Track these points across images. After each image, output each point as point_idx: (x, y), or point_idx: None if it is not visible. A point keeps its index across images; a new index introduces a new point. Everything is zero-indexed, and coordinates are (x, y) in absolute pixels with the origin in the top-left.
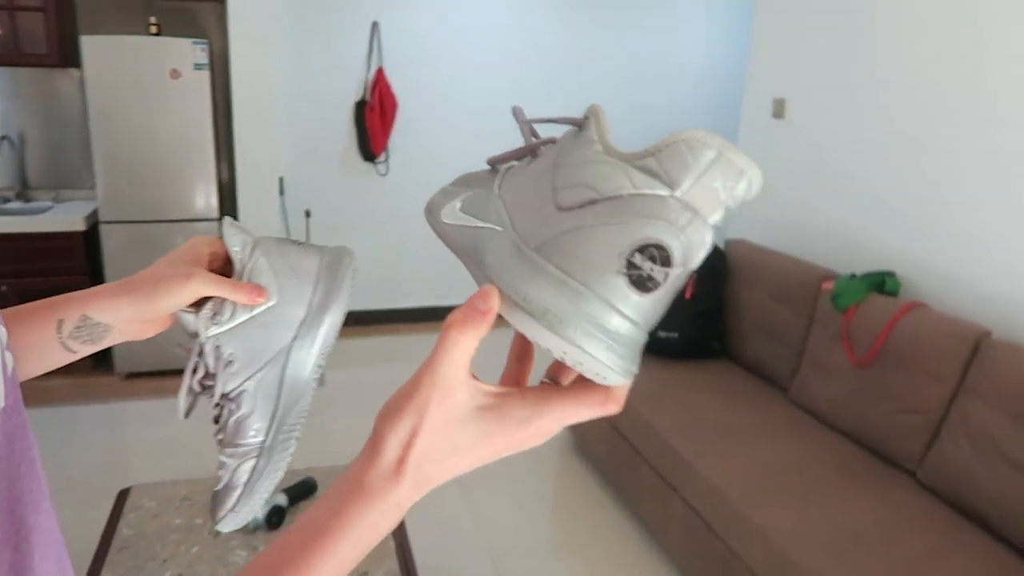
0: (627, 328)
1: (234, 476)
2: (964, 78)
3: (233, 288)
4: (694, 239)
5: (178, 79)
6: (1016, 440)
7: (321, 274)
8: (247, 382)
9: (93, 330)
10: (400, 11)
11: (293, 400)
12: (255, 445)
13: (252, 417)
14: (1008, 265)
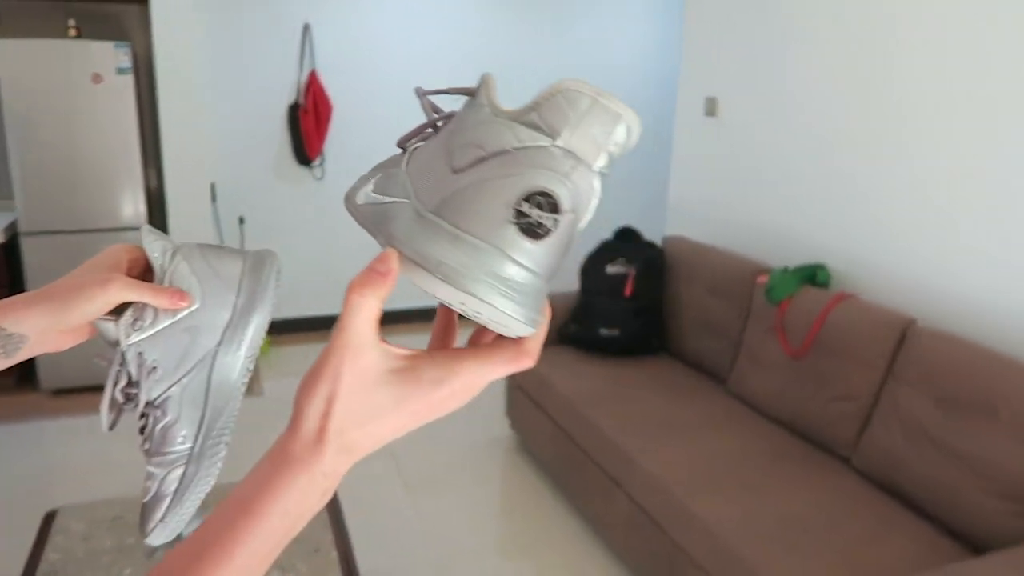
0: (524, 276)
1: (162, 485)
2: (883, 77)
3: (154, 292)
4: (580, 185)
5: (100, 84)
6: (943, 424)
7: (245, 277)
8: (172, 388)
9: (7, 342)
10: (332, 13)
11: (221, 405)
12: (183, 452)
13: (179, 424)
14: (929, 254)
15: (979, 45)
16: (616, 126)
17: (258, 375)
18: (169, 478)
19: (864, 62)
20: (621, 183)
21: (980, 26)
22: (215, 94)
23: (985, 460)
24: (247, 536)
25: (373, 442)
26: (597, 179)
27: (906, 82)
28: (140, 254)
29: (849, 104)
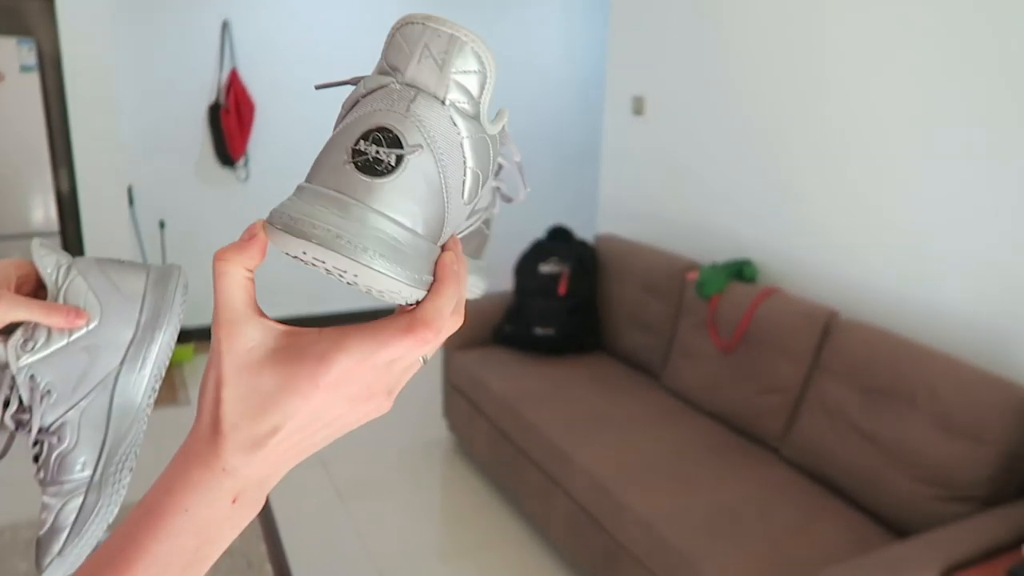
0: (395, 230)
1: (59, 517)
2: (805, 75)
3: (46, 310)
4: (427, 117)
5: (2, 82)
6: (866, 413)
7: (148, 291)
8: (69, 412)
9: None
10: (251, 9)
11: (124, 428)
12: (82, 481)
13: (77, 450)
14: (850, 248)
15: (903, 37)
16: (454, 50)
17: (183, 383)
18: (67, 509)
19: (788, 60)
20: (552, 182)
21: (905, 16)
22: (130, 93)
23: (906, 447)
24: (149, 541)
25: (279, 441)
26: (442, 108)
27: (829, 80)
28: (31, 269)
29: (775, 102)
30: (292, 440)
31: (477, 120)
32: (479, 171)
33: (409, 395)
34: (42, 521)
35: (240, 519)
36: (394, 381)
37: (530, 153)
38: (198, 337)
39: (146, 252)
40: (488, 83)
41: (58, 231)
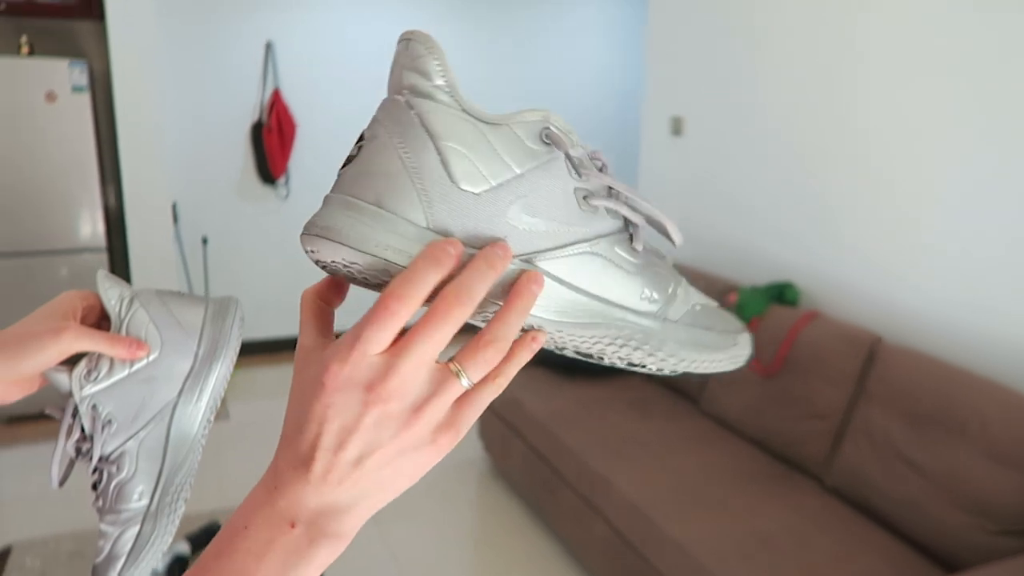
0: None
1: (116, 545)
2: (844, 94)
3: (110, 342)
4: (384, 107)
5: (54, 102)
6: (912, 441)
7: (206, 325)
8: (128, 442)
9: None
10: (294, 31)
11: (180, 459)
12: (139, 510)
13: (135, 480)
14: (894, 272)
15: (946, 64)
16: (402, 49)
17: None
18: (124, 537)
19: (831, 79)
20: None
21: (947, 44)
22: (176, 112)
23: (954, 476)
24: (210, 559)
25: (330, 464)
26: (411, 96)
27: (873, 100)
28: (95, 301)
29: (815, 122)
30: (338, 460)
31: (441, 98)
32: (461, 148)
33: None
34: (99, 548)
35: (309, 553)
36: (415, 389)
37: None
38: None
39: (189, 267)
40: (426, 55)
41: (105, 246)
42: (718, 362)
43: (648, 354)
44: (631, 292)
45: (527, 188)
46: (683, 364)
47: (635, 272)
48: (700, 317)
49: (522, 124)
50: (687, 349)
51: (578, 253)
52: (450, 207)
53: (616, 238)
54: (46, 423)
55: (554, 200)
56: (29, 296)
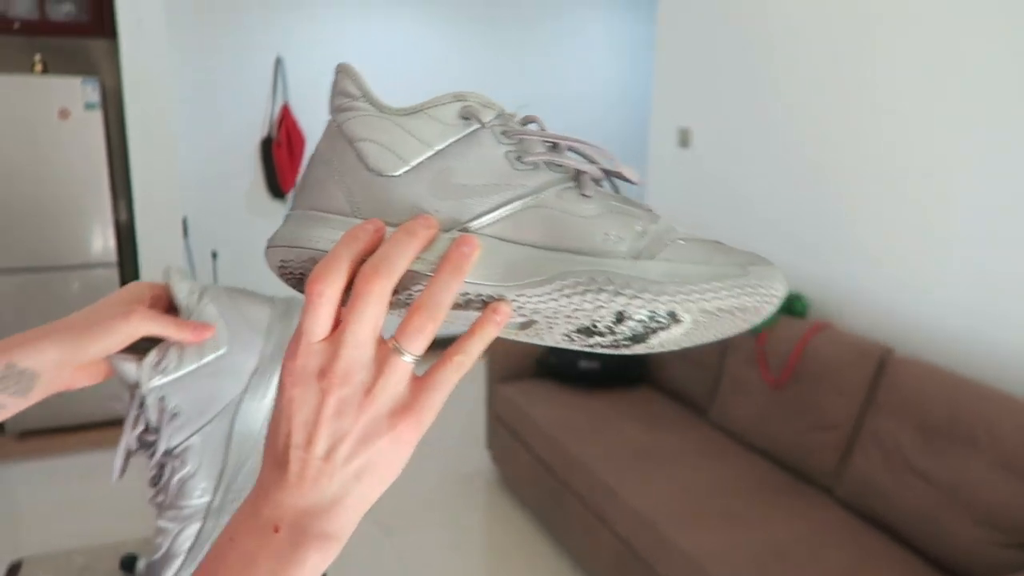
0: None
1: (175, 543)
2: (854, 103)
3: (178, 326)
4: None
5: (67, 119)
6: (923, 454)
7: (274, 324)
8: (193, 437)
9: (20, 378)
10: (303, 46)
11: (243, 456)
12: (200, 507)
13: (198, 475)
14: (904, 282)
15: (960, 74)
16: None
17: None
18: (184, 535)
19: (839, 91)
20: None
21: (962, 53)
22: (186, 127)
23: (966, 489)
24: (201, 572)
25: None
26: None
27: (883, 110)
28: (163, 292)
29: (823, 133)
30: (309, 456)
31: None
32: (376, 140)
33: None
34: (156, 546)
35: (297, 557)
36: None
37: None
38: None
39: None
40: (344, 79)
41: (116, 261)
42: (725, 296)
43: (626, 298)
44: (587, 235)
45: (449, 160)
46: (675, 302)
47: (590, 215)
48: (686, 251)
49: (437, 107)
50: (672, 284)
51: (519, 209)
52: (372, 194)
53: (561, 188)
54: (57, 438)
55: (483, 167)
56: (41, 311)
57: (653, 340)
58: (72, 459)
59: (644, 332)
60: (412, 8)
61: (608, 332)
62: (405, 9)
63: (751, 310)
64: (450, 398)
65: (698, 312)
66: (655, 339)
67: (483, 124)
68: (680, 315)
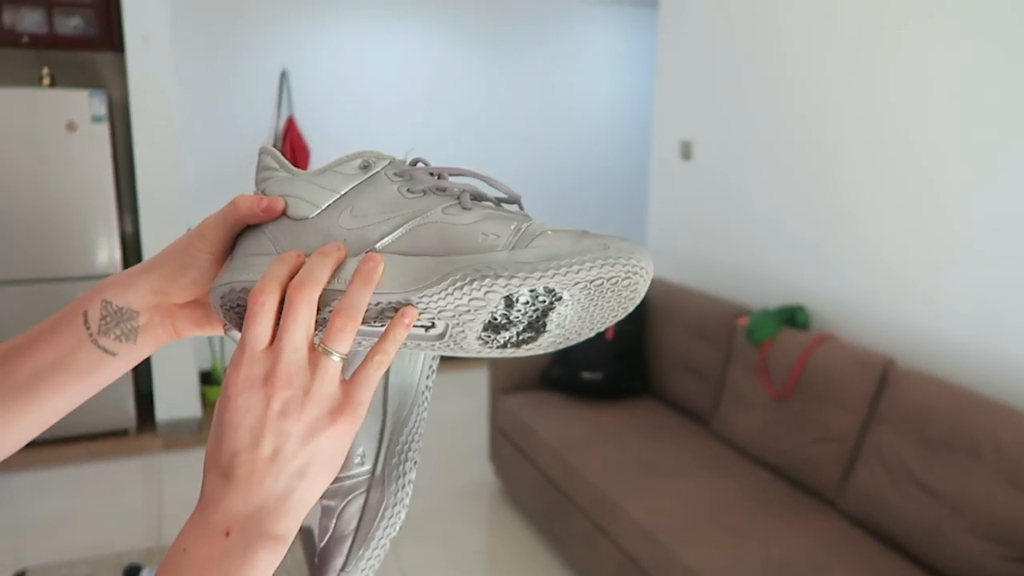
0: None
1: (340, 522)
2: (856, 116)
3: (255, 202)
4: None
5: (75, 132)
6: (927, 466)
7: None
8: None
9: (119, 317)
10: (308, 60)
11: (404, 414)
12: (362, 476)
13: (354, 439)
14: (906, 294)
15: (961, 85)
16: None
17: None
18: (348, 511)
19: (839, 104)
20: (599, 222)
21: (963, 66)
22: (192, 140)
23: (969, 502)
24: None
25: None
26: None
27: (881, 124)
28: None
29: (824, 146)
30: (255, 458)
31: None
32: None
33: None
34: (322, 529)
35: (248, 557)
36: (300, 372)
37: (578, 193)
38: None
39: None
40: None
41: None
42: (589, 267)
43: (505, 279)
44: (469, 238)
45: (353, 200)
46: (547, 277)
47: (471, 222)
48: (554, 239)
49: (341, 164)
50: (542, 262)
51: (412, 227)
52: (292, 234)
53: (446, 205)
54: (60, 447)
55: (380, 201)
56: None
57: (551, 324)
58: (75, 470)
59: (536, 315)
60: (416, 24)
61: (507, 323)
62: (409, 25)
63: (621, 280)
64: (453, 410)
65: (571, 285)
66: (551, 323)
67: (377, 169)
68: (557, 291)
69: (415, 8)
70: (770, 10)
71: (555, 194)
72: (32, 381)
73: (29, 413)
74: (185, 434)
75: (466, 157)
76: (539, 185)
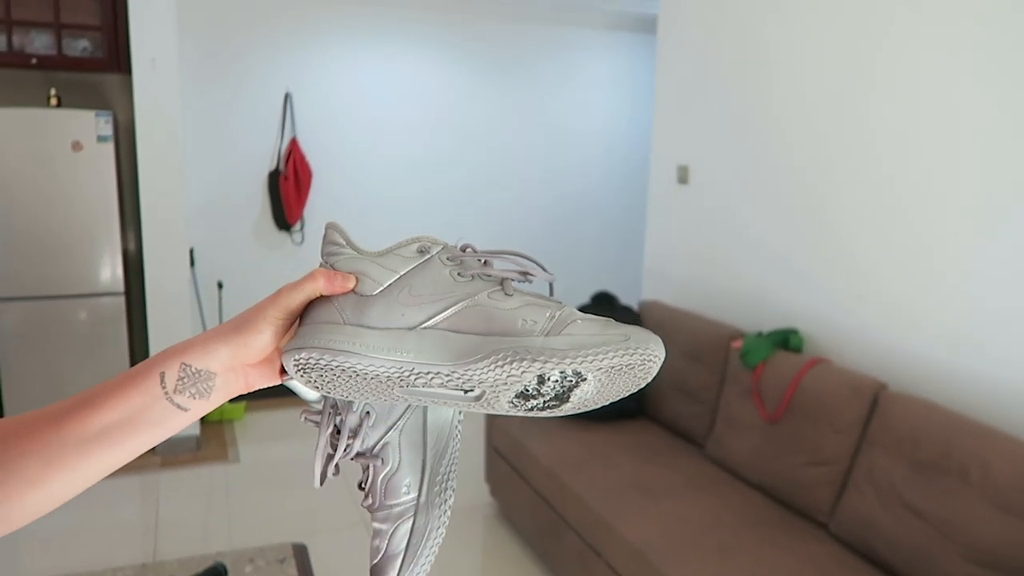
0: None
1: (392, 543)
2: (850, 142)
3: (325, 279)
4: None
5: (80, 151)
6: (916, 489)
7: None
8: (389, 433)
9: (196, 378)
10: (311, 83)
11: (441, 446)
12: (409, 503)
13: (400, 472)
14: (899, 319)
15: (953, 111)
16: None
17: (233, 441)
18: (399, 533)
19: (834, 129)
20: (596, 247)
21: (955, 92)
22: (196, 160)
23: (958, 525)
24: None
25: None
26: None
27: (875, 149)
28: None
29: (819, 171)
30: None
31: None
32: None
33: None
34: (375, 549)
35: None
36: None
37: (577, 216)
38: (248, 396)
39: (204, 311)
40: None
41: (123, 290)
42: (612, 356)
43: (540, 363)
44: (510, 322)
45: (410, 280)
46: (576, 363)
47: (512, 308)
48: (581, 327)
49: (401, 248)
50: (573, 350)
51: (461, 308)
52: (357, 307)
53: (491, 290)
54: None
55: (434, 282)
56: (49, 339)
57: (573, 398)
58: None
59: (563, 391)
60: (417, 50)
61: (537, 394)
62: (410, 50)
63: (637, 367)
64: None
65: (595, 370)
66: (574, 396)
67: (432, 254)
68: (583, 373)
69: (417, 34)
70: (765, 38)
71: (555, 217)
72: (102, 434)
73: (93, 465)
74: (183, 452)
75: (467, 181)
76: (540, 208)
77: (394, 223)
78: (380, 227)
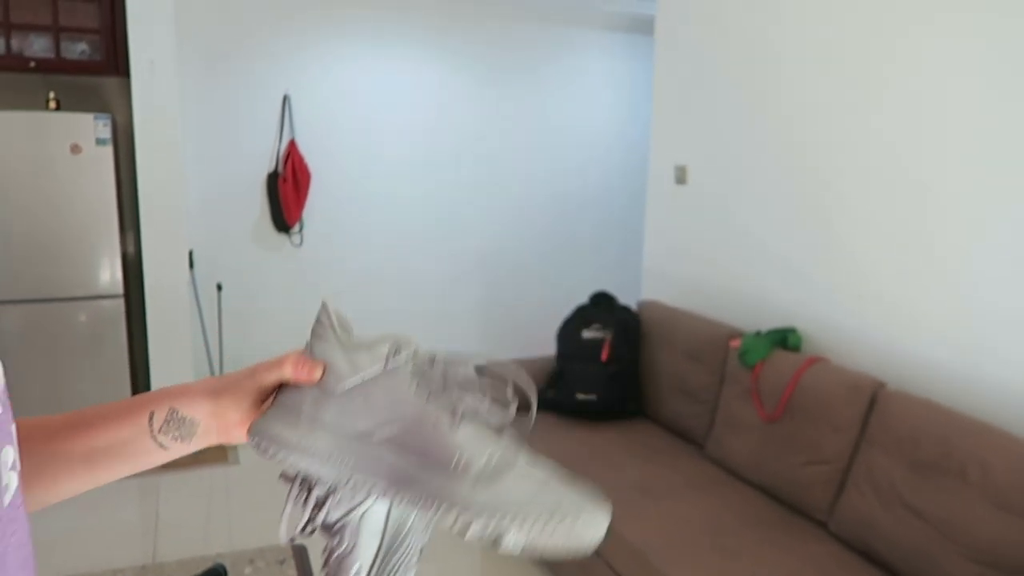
0: None
1: None
2: (853, 141)
3: (293, 366)
4: None
5: (79, 154)
6: (916, 488)
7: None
8: (351, 514)
9: (181, 424)
10: (310, 85)
11: (399, 539)
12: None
13: (353, 554)
14: (898, 318)
15: (954, 110)
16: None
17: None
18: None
19: (833, 129)
20: (595, 248)
21: (957, 92)
22: (195, 162)
23: (957, 524)
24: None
25: None
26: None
27: (874, 148)
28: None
29: (818, 171)
30: None
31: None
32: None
33: None
34: None
35: None
36: None
37: (576, 216)
38: None
39: (203, 313)
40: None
41: (123, 293)
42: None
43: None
44: (447, 458)
45: (371, 388)
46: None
47: (455, 442)
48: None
49: (375, 346)
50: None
51: (409, 428)
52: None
53: (441, 419)
54: None
55: (392, 397)
56: (50, 341)
57: (504, 544)
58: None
59: (489, 538)
60: (416, 51)
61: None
62: (409, 51)
63: (561, 541)
64: None
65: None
66: (504, 544)
67: (399, 364)
68: (502, 533)
69: (415, 35)
70: (764, 37)
71: (554, 217)
72: (88, 456)
73: (75, 481)
74: None
75: (466, 182)
76: (539, 208)
77: (393, 224)
78: (379, 228)
